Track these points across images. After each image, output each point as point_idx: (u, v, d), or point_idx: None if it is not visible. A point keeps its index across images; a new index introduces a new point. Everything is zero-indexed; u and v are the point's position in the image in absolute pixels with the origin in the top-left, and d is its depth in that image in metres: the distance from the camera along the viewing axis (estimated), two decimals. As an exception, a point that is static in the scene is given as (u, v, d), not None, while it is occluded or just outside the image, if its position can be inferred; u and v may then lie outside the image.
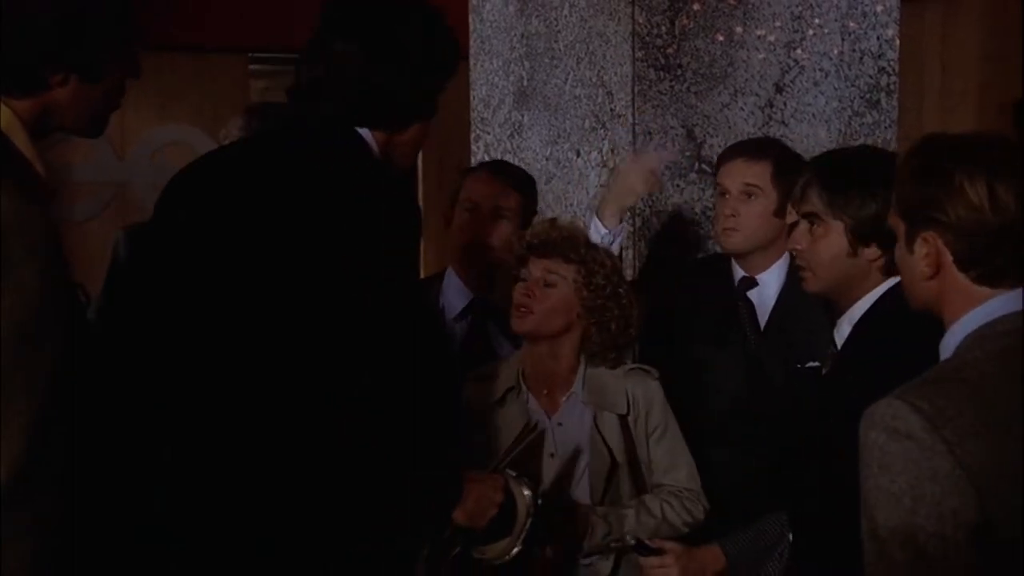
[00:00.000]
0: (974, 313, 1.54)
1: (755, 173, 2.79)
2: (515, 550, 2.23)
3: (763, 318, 2.82)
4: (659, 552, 2.36)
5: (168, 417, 1.86)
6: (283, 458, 1.82)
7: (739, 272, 2.86)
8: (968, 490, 1.38)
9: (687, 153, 3.27)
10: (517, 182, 2.95)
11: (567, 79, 3.41)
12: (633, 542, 2.42)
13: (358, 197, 1.82)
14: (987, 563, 1.39)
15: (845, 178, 2.15)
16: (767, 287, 2.84)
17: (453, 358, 2.70)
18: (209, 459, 1.84)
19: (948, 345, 1.57)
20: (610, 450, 2.55)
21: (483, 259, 2.82)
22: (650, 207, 3.21)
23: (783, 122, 3.41)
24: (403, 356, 1.84)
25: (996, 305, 1.53)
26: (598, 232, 2.78)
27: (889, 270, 2.10)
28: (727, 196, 2.80)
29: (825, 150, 3.44)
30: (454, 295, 2.83)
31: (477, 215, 2.82)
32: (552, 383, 2.62)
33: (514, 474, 2.27)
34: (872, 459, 1.45)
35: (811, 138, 3.44)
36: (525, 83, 3.55)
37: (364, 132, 1.85)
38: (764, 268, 2.83)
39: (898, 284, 2.07)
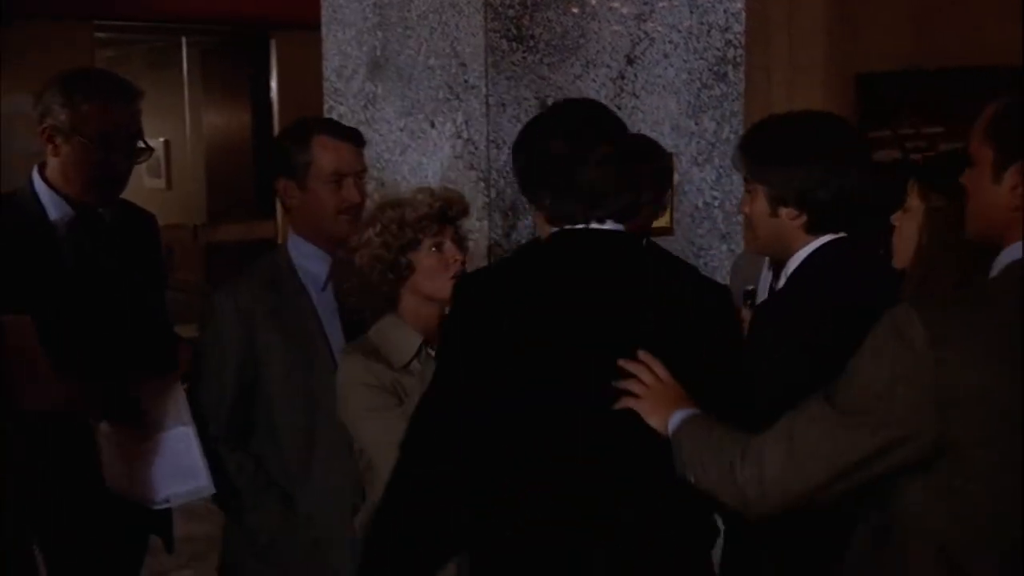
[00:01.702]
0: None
1: None
2: None
3: None
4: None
5: None
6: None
7: None
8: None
9: (540, 124, 3.29)
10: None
11: (420, 49, 3.40)
12: None
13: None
14: None
15: (761, 145, 2.31)
16: None
17: None
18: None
19: (997, 265, 1.76)
20: None
21: (352, 227, 2.76)
22: (504, 178, 3.22)
23: (634, 93, 3.46)
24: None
25: None
26: None
27: (812, 228, 2.25)
28: None
29: (674, 121, 3.52)
30: (315, 263, 2.77)
31: (344, 182, 2.76)
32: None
33: None
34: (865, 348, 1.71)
35: (661, 109, 3.50)
36: (378, 53, 3.52)
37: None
38: None
39: (827, 244, 2.25)
